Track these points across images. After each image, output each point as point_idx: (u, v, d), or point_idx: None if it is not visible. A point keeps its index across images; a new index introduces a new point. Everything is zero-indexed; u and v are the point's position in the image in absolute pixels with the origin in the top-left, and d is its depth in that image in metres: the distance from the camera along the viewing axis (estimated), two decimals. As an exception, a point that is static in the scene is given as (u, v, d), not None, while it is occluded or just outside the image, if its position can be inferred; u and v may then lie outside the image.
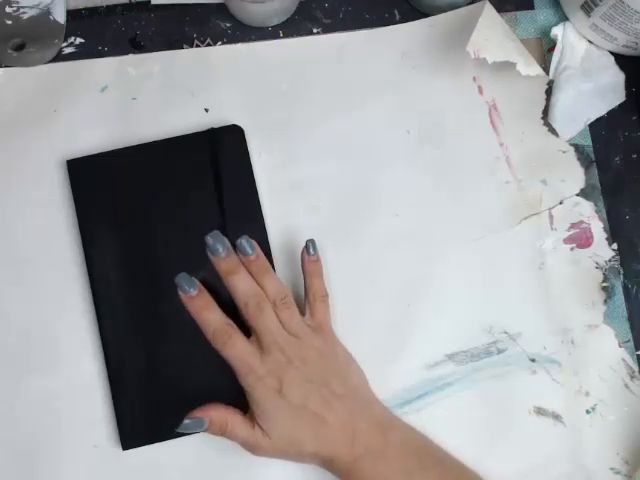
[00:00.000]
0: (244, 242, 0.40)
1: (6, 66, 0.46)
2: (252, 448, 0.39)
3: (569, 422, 0.44)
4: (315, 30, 0.47)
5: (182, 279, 0.40)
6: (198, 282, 0.40)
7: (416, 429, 0.42)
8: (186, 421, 0.39)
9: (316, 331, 0.41)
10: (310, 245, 0.42)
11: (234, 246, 0.41)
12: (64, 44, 0.47)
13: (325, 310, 0.42)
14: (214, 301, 0.40)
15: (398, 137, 0.46)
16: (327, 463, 0.39)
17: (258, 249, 0.41)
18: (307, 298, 0.42)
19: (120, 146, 0.44)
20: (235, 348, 0.39)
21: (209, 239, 0.40)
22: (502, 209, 0.46)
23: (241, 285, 0.40)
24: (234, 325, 0.40)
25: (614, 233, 0.46)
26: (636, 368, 0.44)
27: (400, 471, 0.39)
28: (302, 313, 0.42)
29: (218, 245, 0.40)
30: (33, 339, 0.43)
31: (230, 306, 0.41)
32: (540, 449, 0.43)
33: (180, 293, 0.40)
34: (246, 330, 0.40)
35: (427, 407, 0.43)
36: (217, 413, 0.39)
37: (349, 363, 0.43)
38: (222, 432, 0.39)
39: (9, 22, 0.46)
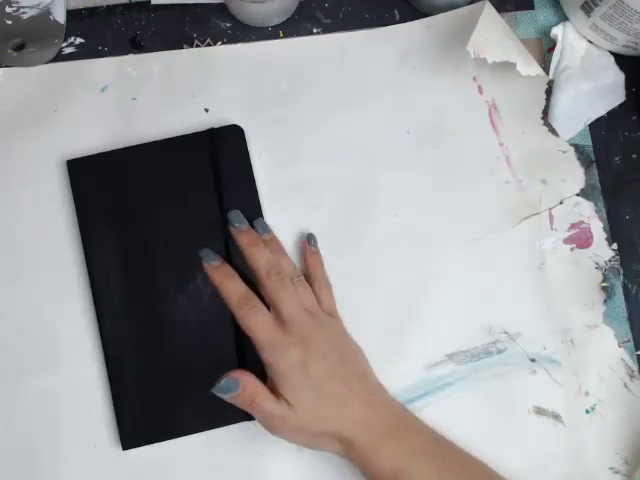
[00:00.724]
0: (261, 222, 0.43)
1: (6, 66, 0.46)
2: (275, 423, 0.39)
3: (569, 422, 0.44)
4: (315, 30, 0.47)
5: (206, 251, 0.42)
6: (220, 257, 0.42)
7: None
8: (223, 381, 0.38)
9: (328, 314, 0.42)
10: (310, 237, 0.44)
11: None
12: (64, 44, 0.47)
13: (332, 298, 0.44)
14: (236, 273, 0.42)
15: (398, 137, 0.46)
16: (345, 444, 0.39)
17: (272, 231, 0.44)
18: (312, 287, 0.43)
19: (120, 146, 0.44)
20: (258, 317, 0.40)
21: (231, 214, 0.42)
22: (502, 209, 0.46)
23: (262, 255, 0.41)
24: (256, 296, 0.41)
25: (614, 233, 0.46)
26: (635, 368, 0.44)
27: (420, 451, 0.39)
28: None
29: (240, 219, 0.42)
30: (33, 339, 0.43)
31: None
32: (540, 449, 0.43)
33: (204, 264, 0.42)
34: None
35: (427, 407, 0.43)
36: (250, 379, 0.39)
37: (360, 349, 0.43)
38: (250, 401, 0.38)
39: (9, 22, 0.46)
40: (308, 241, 0.44)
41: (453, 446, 0.42)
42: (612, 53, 0.47)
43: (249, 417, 0.41)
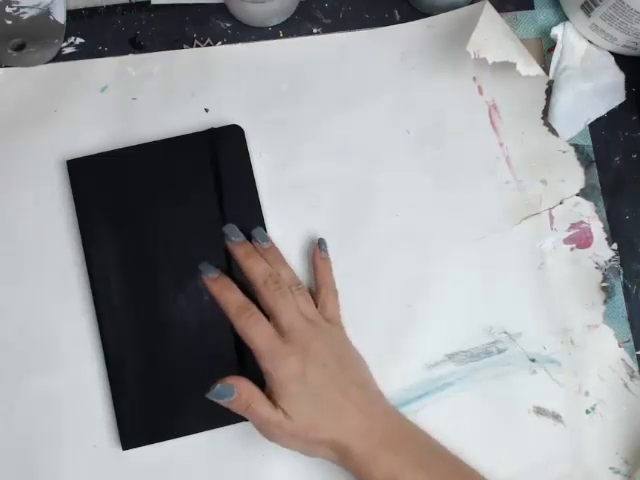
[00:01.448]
0: (260, 231, 0.43)
1: (6, 66, 0.46)
2: (271, 429, 0.39)
3: (569, 422, 0.44)
4: (315, 30, 0.47)
5: (205, 265, 0.42)
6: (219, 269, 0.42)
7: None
8: (218, 386, 0.38)
9: (329, 322, 0.42)
10: (321, 242, 0.44)
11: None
12: (64, 44, 0.47)
13: (337, 305, 0.43)
14: (235, 284, 0.41)
15: (398, 137, 0.46)
16: (341, 453, 0.39)
17: (271, 240, 0.43)
18: (319, 293, 0.43)
19: (120, 146, 0.44)
20: (258, 326, 0.39)
21: (226, 228, 0.42)
22: (502, 209, 0.46)
23: (259, 266, 0.41)
24: (255, 306, 0.40)
25: (614, 233, 0.46)
26: (635, 368, 0.44)
27: (415, 461, 0.39)
28: None
29: (235, 232, 0.42)
30: (33, 339, 0.43)
31: None
32: (540, 449, 0.43)
33: (202, 277, 0.42)
34: None
35: (427, 407, 0.43)
36: (246, 385, 0.39)
37: (360, 357, 0.43)
38: (246, 407, 0.38)
39: (9, 22, 0.46)
40: (319, 246, 0.44)
41: (450, 456, 0.41)
42: (612, 53, 0.47)
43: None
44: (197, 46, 0.47)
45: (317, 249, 0.44)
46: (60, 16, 0.46)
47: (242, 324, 0.40)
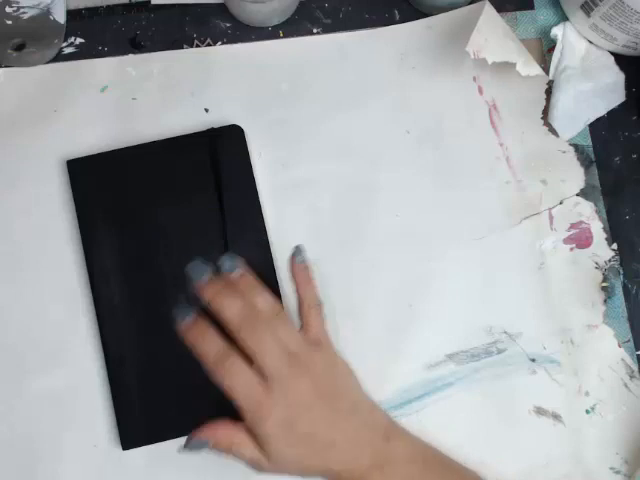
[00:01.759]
0: (227, 260, 0.39)
1: (6, 66, 0.46)
2: (257, 468, 0.38)
3: (569, 422, 0.44)
4: (315, 30, 0.47)
5: (178, 308, 0.39)
6: (196, 310, 0.39)
7: (415, 435, 0.42)
8: (192, 441, 0.38)
9: (314, 345, 0.40)
10: (297, 252, 0.42)
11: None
12: (64, 44, 0.47)
13: (321, 321, 0.42)
14: (212, 328, 0.38)
15: (398, 137, 0.46)
16: (333, 478, 0.38)
17: (244, 265, 0.40)
18: (301, 309, 0.42)
19: (120, 146, 0.44)
20: (238, 376, 0.37)
21: (188, 269, 0.39)
22: (502, 209, 0.46)
23: (229, 307, 0.38)
24: (235, 351, 0.38)
25: (614, 233, 0.46)
26: (635, 368, 0.44)
27: (408, 477, 0.39)
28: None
29: (198, 271, 0.39)
30: (33, 339, 0.43)
31: None
32: (540, 449, 0.43)
33: (176, 324, 0.39)
34: None
35: (427, 407, 0.43)
36: (224, 432, 0.38)
37: (349, 375, 0.42)
38: (227, 452, 0.38)
39: (9, 22, 0.46)
40: (294, 256, 0.41)
41: (444, 465, 0.41)
42: (612, 53, 0.47)
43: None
44: (197, 46, 0.47)
45: (293, 259, 0.41)
46: (60, 16, 0.46)
47: (220, 378, 0.37)
